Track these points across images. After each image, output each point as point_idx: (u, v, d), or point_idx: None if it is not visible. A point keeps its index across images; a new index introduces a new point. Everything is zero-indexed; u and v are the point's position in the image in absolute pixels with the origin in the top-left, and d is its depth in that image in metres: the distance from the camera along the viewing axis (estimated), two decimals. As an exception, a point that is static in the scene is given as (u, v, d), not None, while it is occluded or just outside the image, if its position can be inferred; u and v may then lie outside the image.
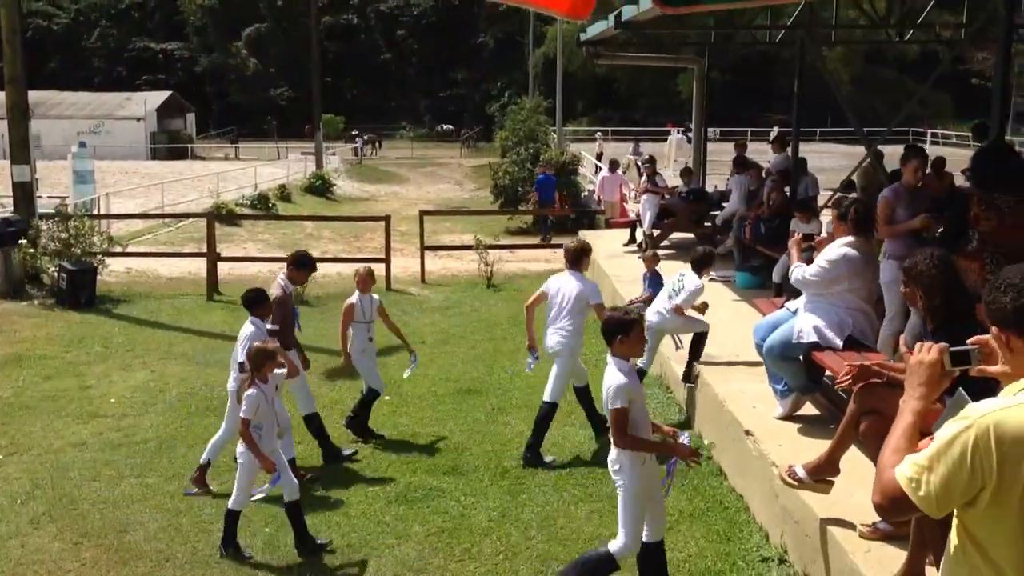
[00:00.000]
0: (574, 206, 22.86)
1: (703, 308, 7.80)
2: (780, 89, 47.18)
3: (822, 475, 4.83)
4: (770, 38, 18.83)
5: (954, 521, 2.32)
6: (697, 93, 18.28)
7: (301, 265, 7.39)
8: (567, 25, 37.46)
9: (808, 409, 6.47)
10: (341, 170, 39.55)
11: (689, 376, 7.84)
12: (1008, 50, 8.34)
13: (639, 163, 19.87)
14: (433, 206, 27.14)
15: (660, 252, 10.76)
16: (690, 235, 14.51)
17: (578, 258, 7.37)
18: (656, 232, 14.10)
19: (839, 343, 5.96)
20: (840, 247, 6.07)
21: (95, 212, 19.14)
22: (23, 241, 13.87)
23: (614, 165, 20.63)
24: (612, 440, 4.72)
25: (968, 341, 2.55)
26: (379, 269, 15.76)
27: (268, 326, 6.67)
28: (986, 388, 2.52)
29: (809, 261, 6.30)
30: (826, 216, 9.58)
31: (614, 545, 4.73)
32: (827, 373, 6.21)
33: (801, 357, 6.23)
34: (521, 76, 51.92)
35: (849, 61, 48.84)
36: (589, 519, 6.07)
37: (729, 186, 13.02)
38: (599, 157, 30.71)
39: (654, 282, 9.13)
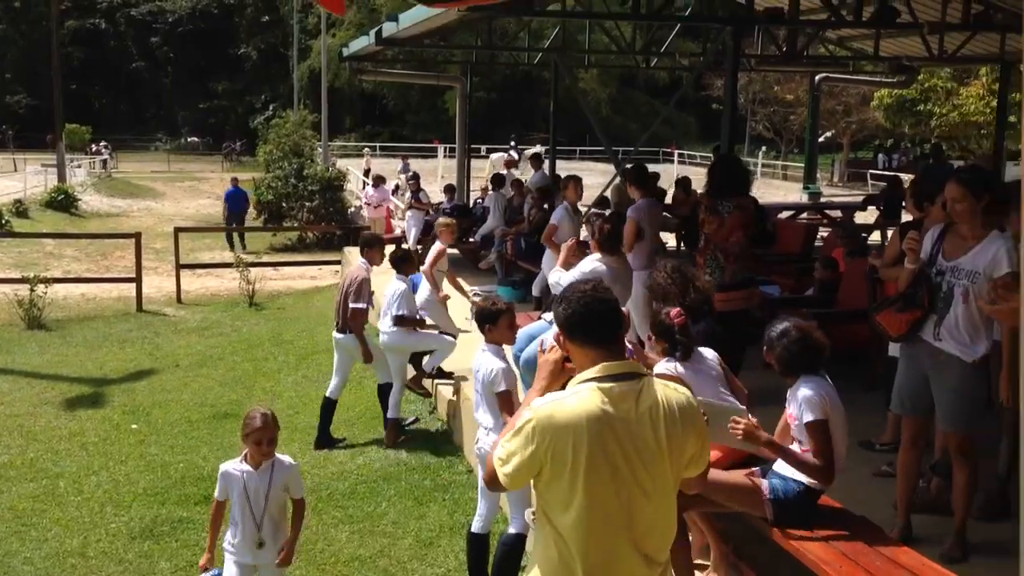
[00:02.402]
0: (340, 222, 22.56)
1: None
2: (542, 108, 48.93)
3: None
4: (528, 59, 19.53)
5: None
6: (460, 111, 18.58)
7: (371, 245, 7.79)
8: (332, 39, 37.09)
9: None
10: (88, 184, 36.82)
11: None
12: (735, 77, 9.08)
13: (408, 180, 19.96)
14: (192, 222, 25.89)
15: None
16: (454, 250, 14.68)
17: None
18: (420, 247, 14.16)
19: (589, 353, 6.21)
20: (591, 262, 6.34)
21: None
22: None
23: (379, 181, 20.57)
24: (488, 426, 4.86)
25: None
26: (129, 289, 14.86)
27: (355, 305, 7.43)
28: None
29: None
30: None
31: (514, 527, 4.86)
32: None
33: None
34: (286, 89, 50.64)
35: (606, 83, 51.38)
36: (350, 540, 5.95)
37: (487, 203, 13.30)
38: (367, 173, 30.49)
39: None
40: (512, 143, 39.14)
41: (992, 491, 4.95)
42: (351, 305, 7.52)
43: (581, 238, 8.63)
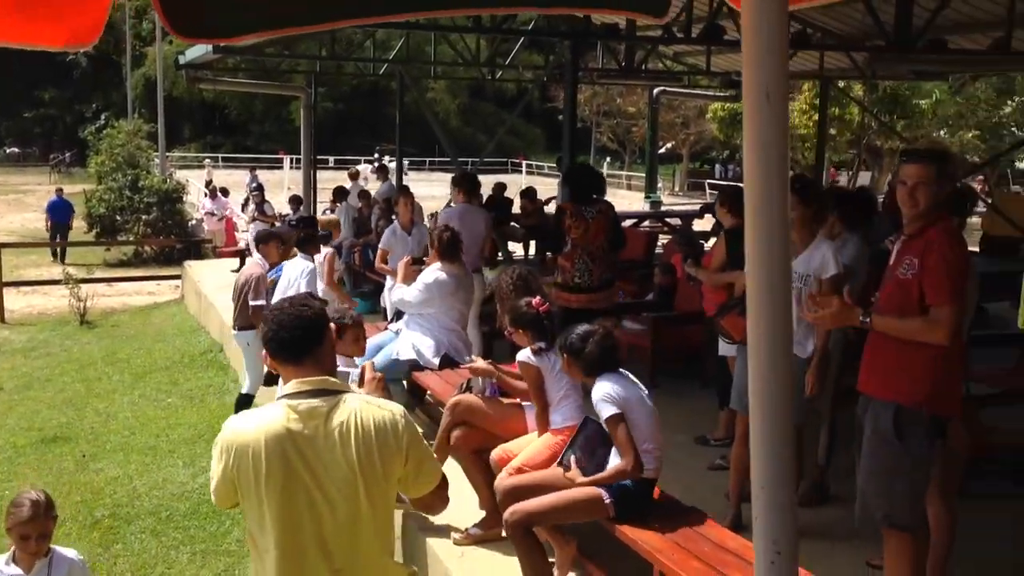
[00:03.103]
0: (179, 235, 21.78)
1: None
2: (390, 119, 48.70)
3: (422, 494, 5.00)
4: (374, 70, 19.44)
5: None
6: (305, 122, 18.25)
7: (266, 241, 8.07)
8: (169, 46, 35.72)
9: (410, 426, 6.67)
10: None
11: None
12: (574, 89, 9.35)
13: (252, 191, 19.45)
14: (16, 237, 24.29)
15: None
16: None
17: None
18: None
19: (435, 362, 6.27)
20: (433, 271, 6.40)
21: None
22: None
23: (217, 192, 20.01)
24: None
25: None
26: (-54, 310, 13.86)
27: (255, 302, 7.44)
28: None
29: None
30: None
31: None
32: (428, 392, 6.54)
33: (404, 380, 6.51)
34: (119, 98, 48.34)
35: (456, 94, 51.69)
36: (191, 562, 5.77)
37: (336, 214, 13.16)
38: (208, 184, 29.54)
39: None
40: (376, 154, 38.79)
41: (813, 479, 5.28)
42: (251, 303, 7.59)
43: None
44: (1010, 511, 5.09)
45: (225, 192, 20.26)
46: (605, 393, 3.92)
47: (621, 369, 4.11)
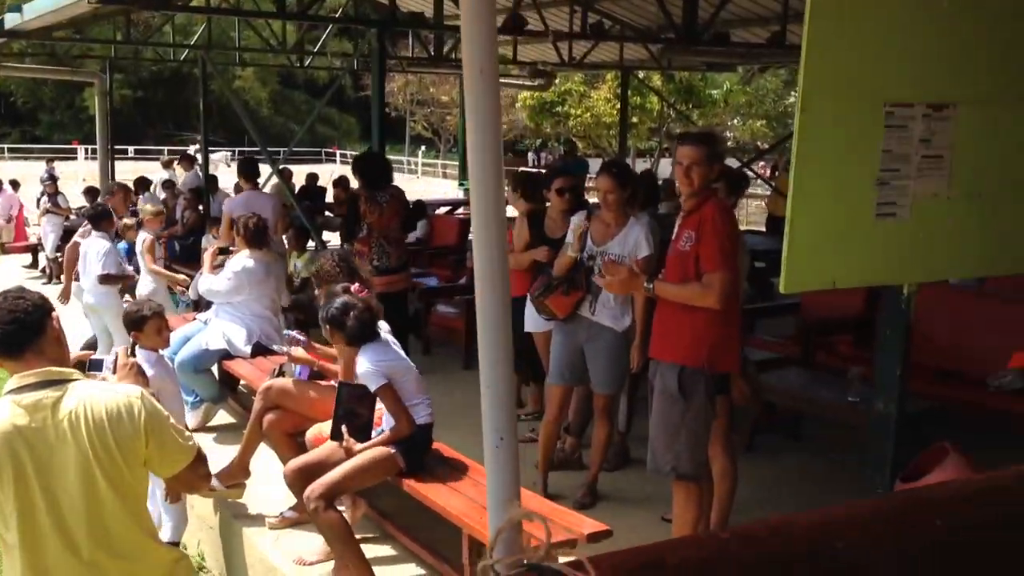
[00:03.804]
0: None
1: None
2: (196, 107, 46.73)
3: (234, 479, 4.96)
4: (175, 56, 18.69)
5: None
6: (100, 110, 17.33)
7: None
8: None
9: (222, 418, 6.57)
10: None
11: None
12: (381, 77, 9.41)
13: (44, 183, 18.18)
14: None
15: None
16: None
17: None
18: (60, 256, 13.10)
19: (247, 350, 6.21)
20: (241, 259, 6.34)
21: None
22: None
23: (3, 185, 18.64)
24: None
25: None
26: None
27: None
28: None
29: None
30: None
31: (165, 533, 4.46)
32: (242, 382, 6.46)
33: (215, 368, 6.40)
34: None
35: (266, 82, 50.27)
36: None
37: (142, 204, 12.61)
38: (-7, 177, 27.42)
39: None
40: (197, 144, 37.08)
41: (616, 445, 5.62)
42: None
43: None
44: (795, 465, 5.66)
45: (15, 185, 18.91)
46: (369, 367, 4.12)
47: (381, 334, 4.30)
